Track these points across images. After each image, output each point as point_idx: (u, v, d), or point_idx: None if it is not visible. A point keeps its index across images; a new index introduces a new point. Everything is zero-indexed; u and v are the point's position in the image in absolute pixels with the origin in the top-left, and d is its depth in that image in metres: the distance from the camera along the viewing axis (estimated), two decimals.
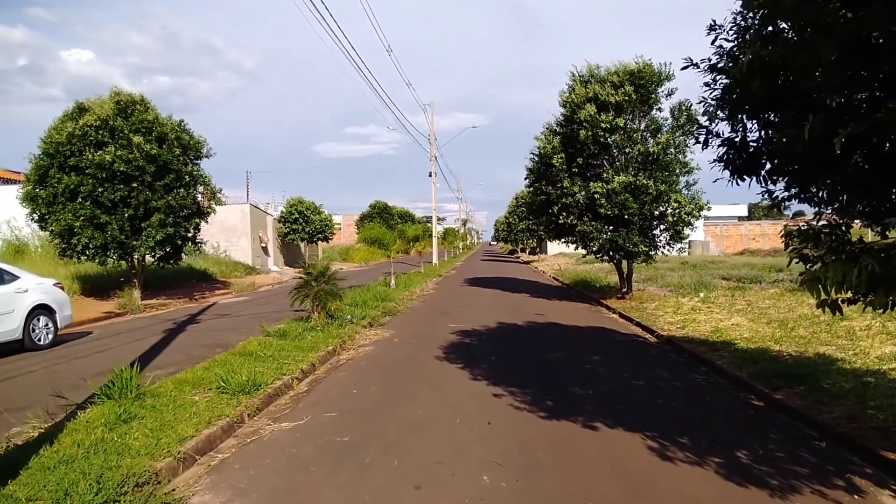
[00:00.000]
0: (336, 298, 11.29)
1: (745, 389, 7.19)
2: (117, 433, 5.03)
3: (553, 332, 11.66)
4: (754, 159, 4.39)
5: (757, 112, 4.16)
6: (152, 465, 4.47)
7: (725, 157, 4.57)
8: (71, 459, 4.44)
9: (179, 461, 4.72)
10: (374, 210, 64.65)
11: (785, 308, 13.02)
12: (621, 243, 15.14)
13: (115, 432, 5.05)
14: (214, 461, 4.93)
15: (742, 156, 4.46)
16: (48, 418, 5.63)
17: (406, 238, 27.17)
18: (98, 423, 5.27)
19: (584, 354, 9.38)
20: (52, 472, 4.21)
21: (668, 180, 14.75)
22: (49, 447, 4.74)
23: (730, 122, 4.49)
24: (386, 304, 14.99)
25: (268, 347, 8.89)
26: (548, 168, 16.45)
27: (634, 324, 12.72)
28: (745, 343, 9.50)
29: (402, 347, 10.08)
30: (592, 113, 14.70)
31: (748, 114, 4.22)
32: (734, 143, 4.49)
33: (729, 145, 4.52)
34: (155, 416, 5.58)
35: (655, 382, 7.59)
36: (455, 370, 8.15)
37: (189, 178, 16.62)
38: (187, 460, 4.82)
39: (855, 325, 10.60)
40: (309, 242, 36.93)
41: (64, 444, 4.79)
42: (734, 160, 4.51)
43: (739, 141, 4.46)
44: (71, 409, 5.88)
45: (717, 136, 4.67)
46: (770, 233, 60.69)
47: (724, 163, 4.61)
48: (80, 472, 4.16)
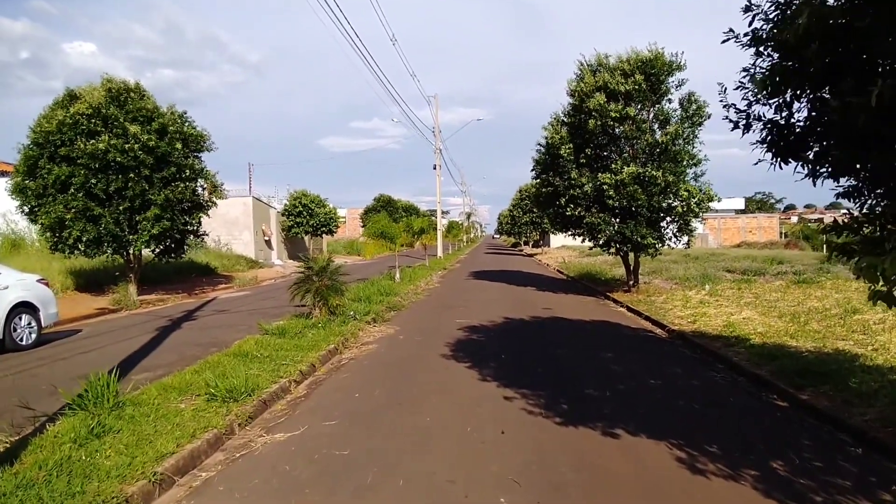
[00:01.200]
0: (338, 294, 10.96)
1: (767, 388, 6.88)
2: (87, 450, 4.53)
3: (561, 327, 11.34)
4: (801, 141, 4.03)
5: (813, 84, 3.77)
6: (123, 489, 3.99)
7: (769, 139, 4.21)
8: (30, 484, 3.94)
9: (156, 483, 4.25)
10: (379, 203, 64.28)
11: (793, 301, 12.72)
12: (629, 235, 14.79)
13: (84, 449, 4.55)
14: (197, 482, 4.47)
15: (788, 138, 4.10)
16: (13, 432, 5.12)
17: (411, 231, 26.77)
18: (66, 438, 4.77)
19: (595, 351, 9.06)
20: (6, 500, 3.74)
21: (676, 171, 14.37)
22: (7, 468, 4.20)
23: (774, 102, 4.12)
24: (390, 299, 14.67)
25: (265, 347, 8.55)
26: (555, 159, 16.07)
27: (643, 318, 12.41)
28: (760, 338, 9.19)
29: (407, 345, 9.76)
30: (602, 102, 14.31)
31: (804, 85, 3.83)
32: (778, 125, 4.13)
33: (773, 127, 4.16)
34: (133, 428, 5.09)
35: (673, 381, 7.27)
36: (462, 370, 7.83)
37: (190, 171, 16.14)
38: (165, 482, 4.35)
39: (868, 318, 10.30)
40: (313, 236, 36.60)
41: (25, 465, 4.29)
42: (778, 142, 4.15)
43: (785, 122, 4.10)
44: (41, 422, 5.38)
45: (759, 119, 4.31)
46: (766, 225, 60.56)
47: (768, 145, 4.25)
48: (37, 501, 3.73)
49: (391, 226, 21.84)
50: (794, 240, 50.24)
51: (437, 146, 33.45)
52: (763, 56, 4.27)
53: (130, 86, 15.59)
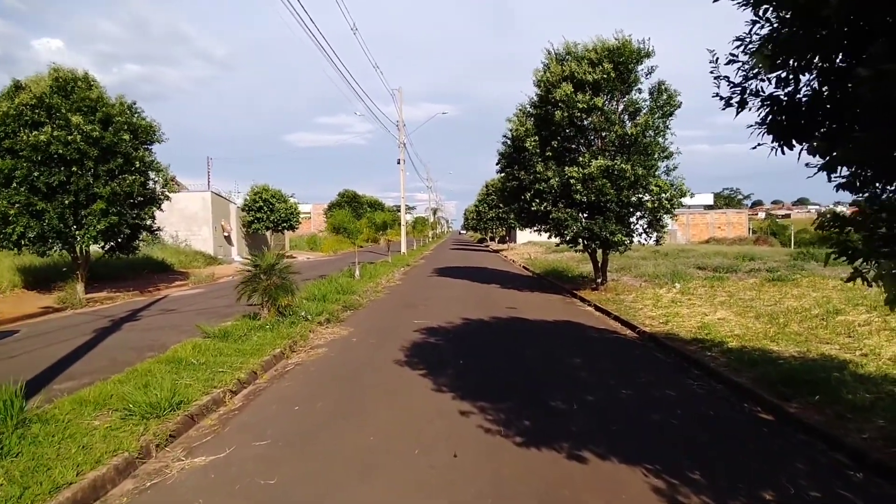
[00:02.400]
0: (288, 293, 10.07)
1: (750, 399, 6.29)
2: None
3: (526, 329, 10.65)
4: (808, 119, 3.34)
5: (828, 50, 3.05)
6: None
7: (770, 120, 3.51)
8: None
9: None
10: (343, 199, 62.95)
11: (770, 300, 12.30)
12: (597, 231, 14.20)
13: None
14: None
15: (793, 116, 3.40)
16: None
17: (374, 226, 25.87)
18: None
19: (562, 356, 8.38)
20: None
21: (646, 164, 13.82)
22: None
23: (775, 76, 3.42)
24: (348, 298, 13.81)
25: (203, 352, 7.63)
26: (520, 152, 15.38)
27: (612, 318, 11.83)
28: (738, 341, 8.67)
29: (360, 348, 8.93)
30: (569, 92, 13.66)
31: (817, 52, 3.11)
32: (780, 102, 3.43)
33: (773, 104, 3.46)
34: (34, 451, 4.36)
35: (647, 391, 6.63)
36: (416, 378, 7.04)
37: (140, 163, 15.32)
38: None
39: (852, 319, 9.89)
40: (274, 231, 35.36)
41: None
42: (780, 122, 3.46)
43: (788, 98, 3.41)
44: None
45: (757, 94, 3.61)
46: (735, 221, 61.33)
47: (768, 126, 3.55)
48: None
49: (352, 221, 20.91)
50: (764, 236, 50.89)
51: (401, 140, 32.54)
52: (762, 21, 3.57)
53: (78, 75, 14.73)
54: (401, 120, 32.42)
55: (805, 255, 23.57)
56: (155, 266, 22.37)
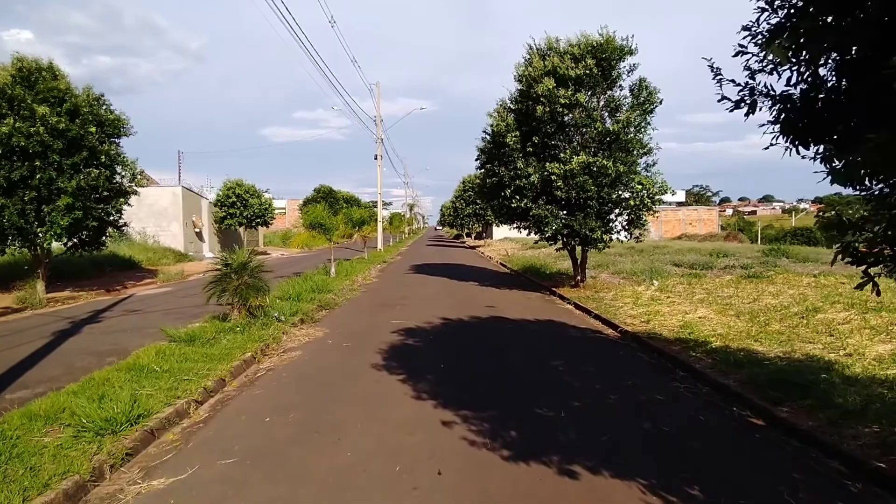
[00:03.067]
0: (260, 293, 9.66)
1: (739, 402, 6.11)
2: None
3: (507, 329, 10.41)
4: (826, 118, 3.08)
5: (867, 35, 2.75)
6: None
7: (784, 119, 3.25)
8: None
9: None
10: (319, 194, 61.83)
11: (748, 298, 12.26)
12: (577, 228, 14.02)
13: None
14: None
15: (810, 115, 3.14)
16: None
17: (351, 222, 25.38)
18: None
19: (544, 357, 8.15)
20: None
21: (627, 161, 13.68)
22: None
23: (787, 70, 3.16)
24: (323, 297, 13.42)
25: (167, 358, 7.21)
26: (500, 147, 15.11)
27: (593, 317, 11.67)
28: (721, 341, 8.54)
29: (335, 352, 8.58)
30: (551, 87, 13.43)
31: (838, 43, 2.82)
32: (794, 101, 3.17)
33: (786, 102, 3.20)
34: None
35: (634, 395, 6.42)
36: (395, 384, 6.73)
37: (106, 157, 14.78)
38: None
39: (831, 317, 9.86)
40: (248, 227, 34.57)
41: None
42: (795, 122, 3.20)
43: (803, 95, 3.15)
44: None
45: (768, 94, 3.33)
46: (706, 218, 62.16)
47: (782, 126, 3.29)
48: None
49: (328, 216, 20.42)
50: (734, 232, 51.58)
51: (379, 135, 32.05)
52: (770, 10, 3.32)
53: (43, 65, 14.14)
54: (378, 115, 31.93)
55: (775, 252, 23.80)
56: (122, 263, 21.63)
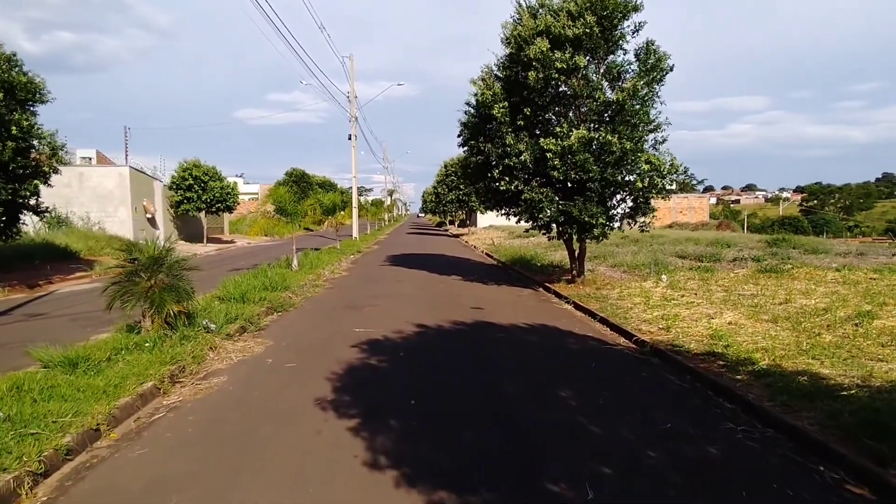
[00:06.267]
0: (182, 297, 7.55)
1: (823, 457, 4.37)
2: None
3: (497, 340, 8.42)
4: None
5: None
6: None
7: None
8: None
9: None
10: (291, 178, 59.16)
11: (775, 297, 10.50)
12: (576, 215, 12.01)
13: None
14: None
15: None
16: None
17: (321, 208, 23.21)
18: None
19: (548, 384, 6.19)
20: None
21: (633, 136, 11.69)
22: None
23: None
24: (276, 296, 11.33)
25: (25, 393, 5.09)
26: (487, 121, 13.00)
27: (598, 321, 9.78)
28: (767, 357, 6.71)
29: (272, 377, 6.50)
30: (544, 49, 11.37)
31: None
32: None
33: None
34: None
35: (679, 448, 4.52)
36: (343, 438, 4.68)
37: (17, 128, 12.44)
38: None
39: (891, 325, 8.06)
40: (208, 213, 32.03)
41: None
42: None
43: None
44: None
45: None
46: (696, 206, 60.92)
47: None
48: None
49: (293, 201, 18.25)
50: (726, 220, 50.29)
51: (353, 114, 29.70)
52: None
53: None
54: (352, 91, 29.55)
55: (781, 243, 22.27)
56: (57, 254, 19.11)
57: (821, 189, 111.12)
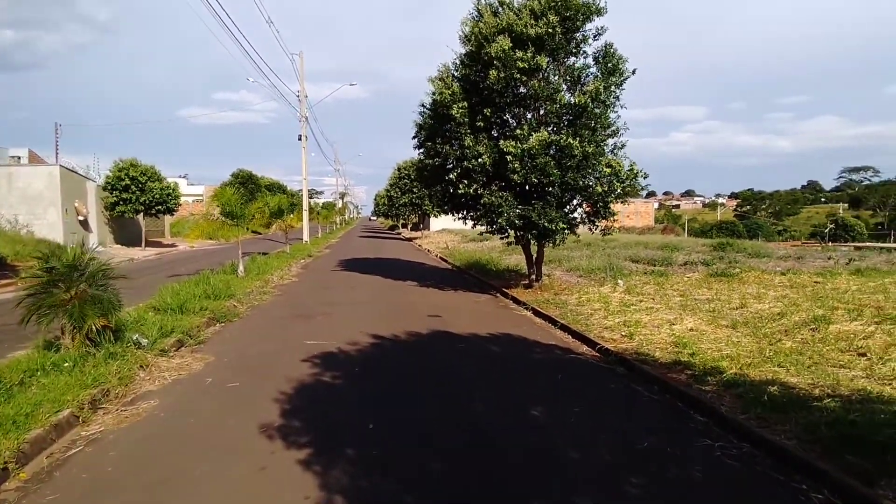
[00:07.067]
0: (107, 309, 6.79)
1: (806, 475, 4.16)
2: None
3: (460, 352, 8.00)
4: None
5: None
6: None
7: None
8: None
9: None
10: (237, 179, 57.26)
11: (730, 301, 10.62)
12: (535, 219, 11.75)
13: None
14: None
15: None
16: None
17: (268, 210, 22.26)
18: None
19: (516, 400, 5.81)
20: None
21: (594, 140, 11.52)
22: None
23: None
24: (219, 305, 10.59)
25: None
26: (444, 122, 12.58)
27: (559, 328, 9.50)
28: (734, 365, 6.57)
29: (212, 400, 5.85)
30: (506, 48, 11.06)
31: None
32: None
33: None
34: None
35: (663, 473, 4.22)
36: (293, 474, 4.11)
37: None
38: None
39: (845, 329, 8.10)
40: (147, 215, 30.34)
41: None
42: None
43: None
44: None
45: None
46: (642, 211, 62.53)
47: None
48: None
49: (240, 204, 17.34)
50: (670, 225, 51.51)
51: (303, 114, 28.79)
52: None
53: None
54: (302, 90, 28.64)
55: (725, 246, 22.85)
56: None
57: (753, 195, 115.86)
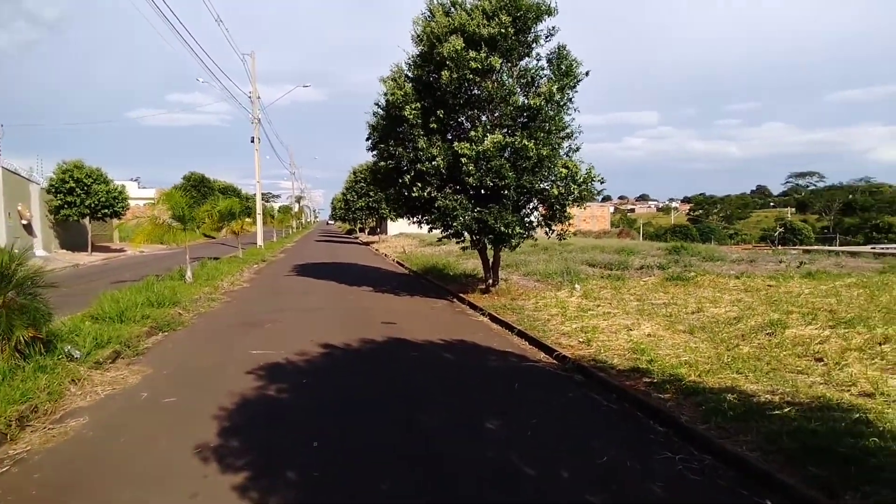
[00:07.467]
0: (37, 319, 6.28)
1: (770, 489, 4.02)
2: None
3: (414, 361, 7.71)
4: None
5: None
6: None
7: None
8: None
9: None
10: (189, 182, 55.65)
11: (687, 306, 10.64)
12: (491, 223, 11.58)
13: None
14: None
15: None
16: None
17: (218, 214, 21.47)
18: None
19: (473, 414, 5.55)
20: None
21: (550, 142, 11.42)
22: None
23: None
24: (162, 313, 10.04)
25: None
26: (397, 123, 12.29)
27: (516, 334, 9.33)
28: (692, 372, 6.48)
29: (145, 418, 5.40)
30: (459, 48, 10.87)
31: None
32: None
33: None
34: None
35: (626, 491, 4.03)
36: (226, 502, 3.80)
37: None
38: None
39: (801, 333, 8.15)
40: (94, 219, 29.03)
41: None
42: None
43: None
44: None
45: None
46: (598, 215, 63.39)
47: None
48: None
49: (188, 206, 16.64)
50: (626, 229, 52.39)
51: (256, 115, 28.02)
52: None
53: None
54: (254, 91, 27.87)
55: (680, 250, 23.21)
56: None
57: (705, 200, 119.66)
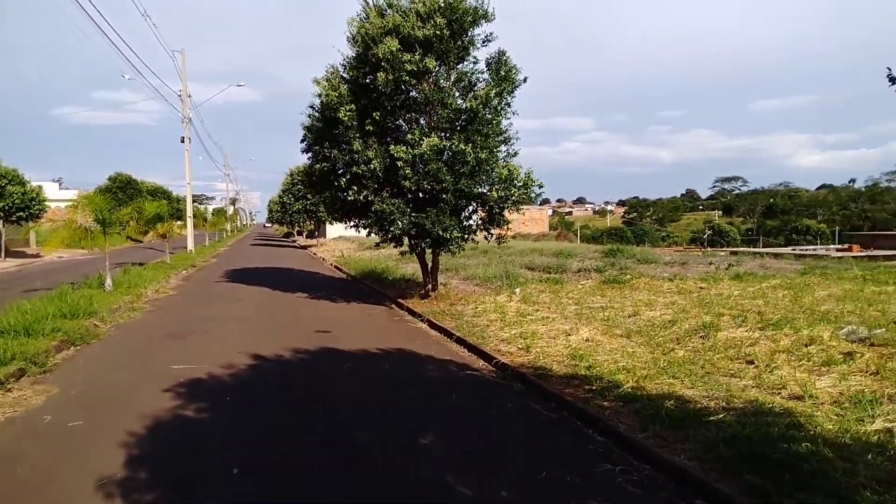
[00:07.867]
0: None
1: (711, 500, 3.99)
2: None
3: (347, 372, 7.37)
4: None
5: None
6: None
7: None
8: None
9: None
10: (115, 184, 52.79)
11: (623, 309, 10.75)
12: (429, 227, 11.36)
13: None
14: None
15: None
16: None
17: (142, 217, 20.33)
18: None
19: (409, 430, 5.29)
20: None
21: (488, 146, 11.32)
22: None
23: None
24: (76, 324, 9.30)
25: None
26: (333, 125, 11.89)
27: (455, 341, 9.14)
28: (630, 378, 6.45)
29: (45, 445, 4.85)
30: (394, 50, 10.61)
31: None
32: None
33: None
34: None
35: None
36: None
37: None
38: None
39: (732, 336, 8.33)
40: (8, 222, 27.04)
41: None
42: None
43: None
44: None
45: None
46: (537, 217, 64.48)
47: None
48: None
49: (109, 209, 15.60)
50: (564, 231, 53.38)
51: (186, 115, 26.80)
52: None
53: None
54: (184, 89, 26.66)
55: (615, 252, 23.69)
56: None
57: (639, 203, 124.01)
